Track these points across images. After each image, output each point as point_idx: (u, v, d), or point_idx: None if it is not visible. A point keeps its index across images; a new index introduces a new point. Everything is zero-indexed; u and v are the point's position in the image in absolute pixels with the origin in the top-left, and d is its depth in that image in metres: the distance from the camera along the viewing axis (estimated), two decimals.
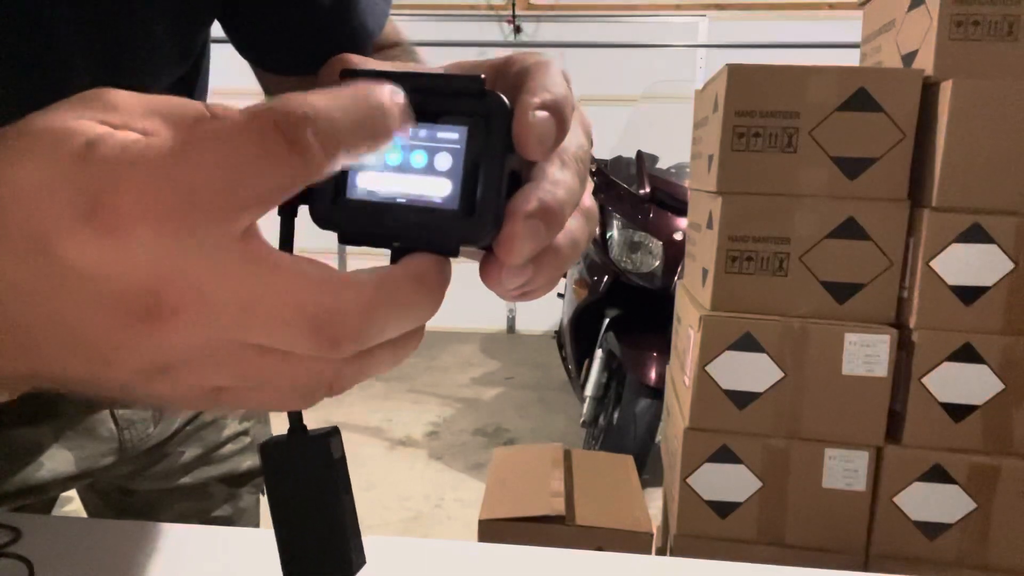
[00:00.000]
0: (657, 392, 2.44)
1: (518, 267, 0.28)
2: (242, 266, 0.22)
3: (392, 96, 0.24)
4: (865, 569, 1.33)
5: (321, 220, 0.29)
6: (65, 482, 0.64)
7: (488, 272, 0.29)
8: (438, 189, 0.29)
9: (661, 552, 1.59)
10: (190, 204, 0.21)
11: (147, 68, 0.48)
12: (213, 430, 0.73)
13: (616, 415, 2.58)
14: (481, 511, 1.46)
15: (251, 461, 0.77)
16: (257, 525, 0.81)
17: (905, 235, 1.29)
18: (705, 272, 1.39)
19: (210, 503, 0.74)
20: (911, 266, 1.28)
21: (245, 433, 0.76)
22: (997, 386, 1.26)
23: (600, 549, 0.64)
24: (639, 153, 2.80)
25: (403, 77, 0.28)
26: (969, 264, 1.24)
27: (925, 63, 1.28)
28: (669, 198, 2.66)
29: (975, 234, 1.23)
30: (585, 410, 2.70)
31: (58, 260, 0.21)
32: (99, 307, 0.22)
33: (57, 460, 0.62)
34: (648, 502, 1.57)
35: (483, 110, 0.29)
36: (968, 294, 1.25)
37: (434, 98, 0.29)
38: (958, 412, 1.28)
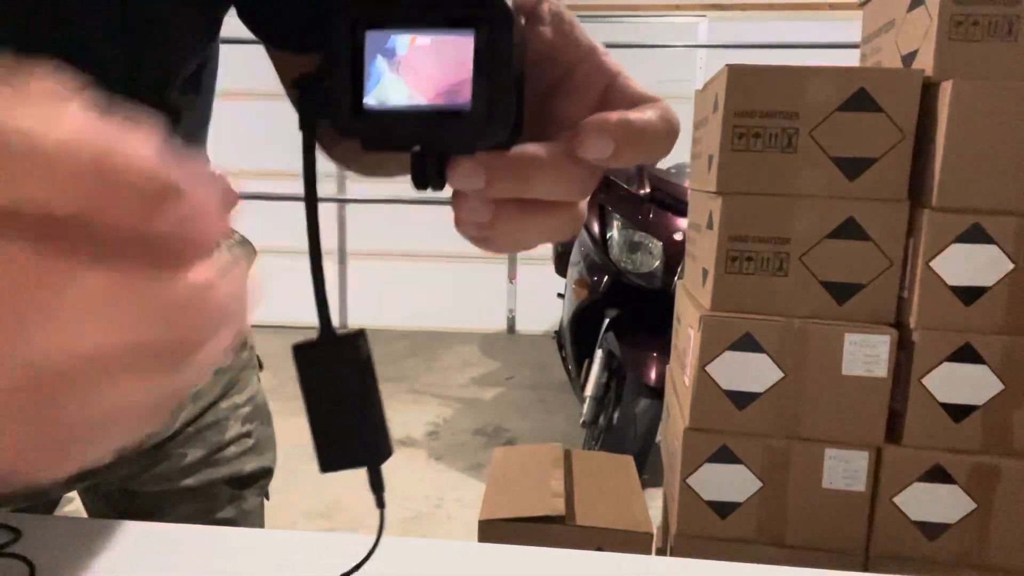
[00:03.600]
0: (657, 392, 2.44)
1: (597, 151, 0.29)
2: None
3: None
4: (865, 569, 1.33)
5: (343, 130, 0.31)
6: (66, 483, 0.63)
7: (528, 165, 0.29)
8: (452, 94, 0.30)
9: (661, 552, 1.59)
10: None
11: (175, 47, 0.47)
12: (216, 431, 0.73)
13: (616, 415, 2.58)
14: (481, 511, 1.45)
15: (255, 463, 0.76)
16: (262, 527, 0.81)
17: (905, 235, 1.29)
18: (705, 272, 1.39)
19: (214, 504, 0.74)
20: (911, 266, 1.28)
21: (248, 435, 0.76)
22: (997, 386, 1.26)
23: (600, 549, 0.64)
24: None
25: None
26: (969, 264, 1.24)
27: (925, 63, 1.28)
28: (669, 198, 2.66)
29: (975, 234, 1.23)
30: (585, 410, 2.70)
31: None
32: None
33: None
34: (648, 502, 1.57)
35: (488, 15, 0.29)
36: (968, 294, 1.25)
37: (441, 6, 0.30)
38: (958, 412, 1.27)
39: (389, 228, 5.12)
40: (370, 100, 0.31)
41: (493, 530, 1.40)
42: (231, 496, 0.75)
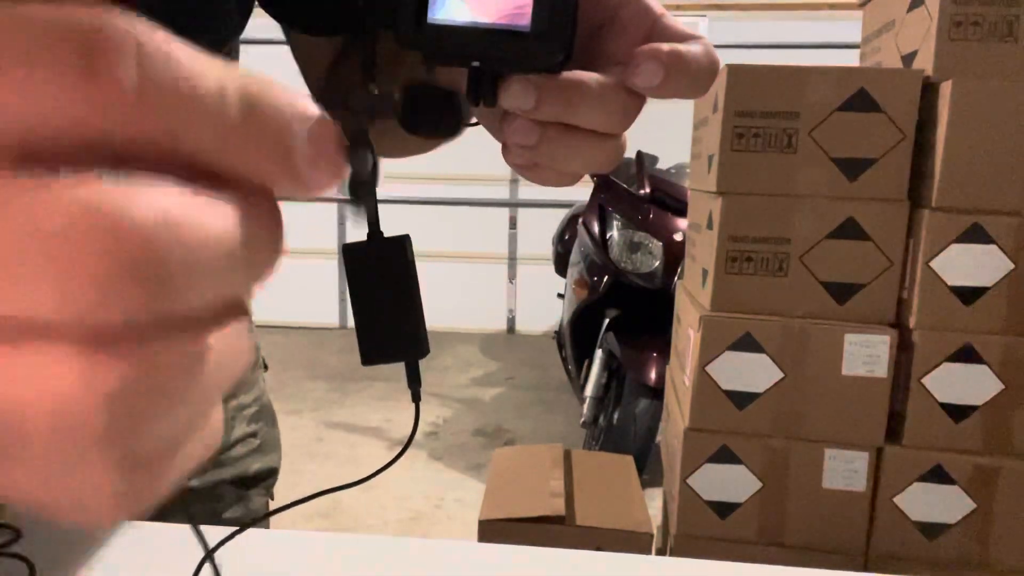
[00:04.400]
0: (657, 392, 2.44)
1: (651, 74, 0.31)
2: None
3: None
4: (865, 569, 1.33)
5: (406, 42, 0.32)
6: None
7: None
8: (513, 15, 0.31)
9: (661, 552, 1.59)
10: None
11: (211, 28, 0.47)
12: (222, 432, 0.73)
13: (616, 415, 2.58)
14: (481, 511, 1.45)
15: (260, 463, 0.76)
16: (267, 527, 0.81)
17: (905, 235, 1.29)
18: (705, 272, 1.39)
19: (220, 505, 0.74)
20: (911, 266, 1.28)
21: (254, 435, 0.76)
22: (997, 386, 1.26)
23: (600, 549, 0.64)
24: (639, 153, 2.80)
25: None
26: (969, 264, 1.24)
27: (925, 63, 1.28)
28: (669, 198, 2.66)
29: (975, 234, 1.23)
30: (585, 410, 2.70)
31: None
32: None
33: None
34: (648, 502, 1.57)
35: None
36: (968, 294, 1.25)
37: None
38: (958, 412, 1.27)
39: (389, 228, 5.11)
40: (434, 13, 0.32)
41: (493, 530, 1.40)
42: (237, 496, 0.75)
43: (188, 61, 0.15)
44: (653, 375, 2.50)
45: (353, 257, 0.37)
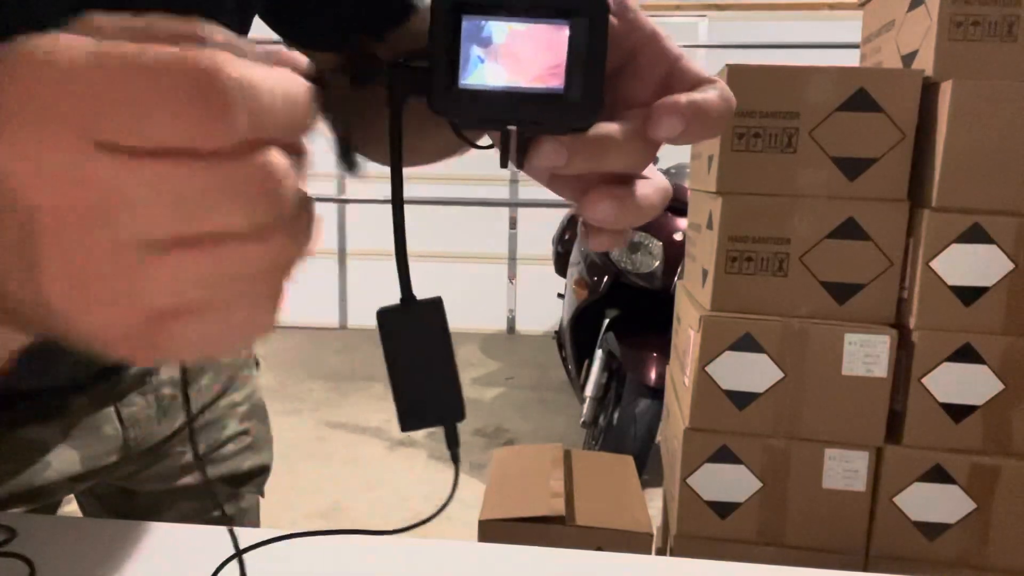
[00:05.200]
0: (657, 392, 2.44)
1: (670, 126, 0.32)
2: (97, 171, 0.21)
3: (308, 93, 0.24)
4: (865, 569, 1.33)
5: (438, 108, 0.32)
6: (71, 483, 0.64)
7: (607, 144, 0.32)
8: (546, 77, 0.32)
9: (661, 552, 1.59)
10: (66, 112, 0.20)
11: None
12: (214, 429, 0.73)
13: (616, 415, 2.58)
14: (481, 511, 1.45)
15: (252, 460, 0.77)
16: (258, 524, 0.81)
17: (905, 235, 1.29)
18: (705, 272, 1.39)
19: (212, 503, 0.74)
20: (911, 266, 1.28)
21: (246, 432, 0.76)
22: (997, 386, 1.26)
23: (600, 549, 0.64)
24: None
25: None
26: (969, 264, 1.24)
27: (925, 63, 1.28)
28: None
29: (975, 234, 1.23)
30: (585, 410, 2.70)
31: None
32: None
33: (64, 459, 0.62)
34: (648, 502, 1.57)
35: (587, 7, 0.32)
36: (968, 294, 1.25)
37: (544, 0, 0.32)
38: (958, 412, 1.27)
39: (389, 228, 5.11)
40: (464, 80, 0.32)
41: (493, 530, 1.41)
42: (229, 494, 0.75)
43: (265, 82, 0.22)
44: (653, 375, 2.50)
45: (387, 321, 0.37)
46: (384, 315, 0.37)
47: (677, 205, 2.61)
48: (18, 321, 0.25)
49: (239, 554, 0.50)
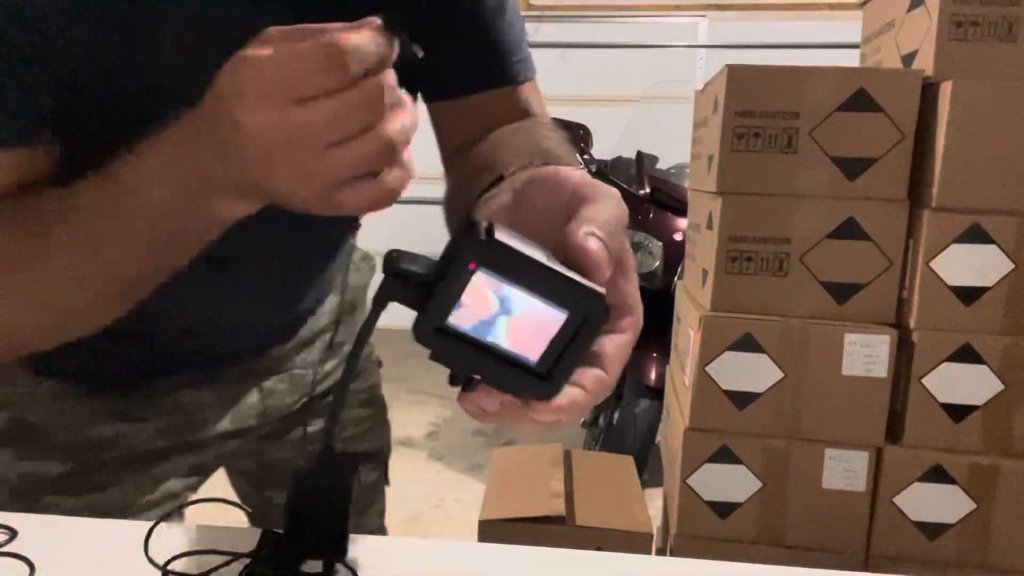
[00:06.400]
0: (657, 392, 2.44)
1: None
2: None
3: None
4: (865, 569, 1.33)
5: (421, 336, 0.36)
6: (220, 439, 0.78)
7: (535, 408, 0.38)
8: (527, 348, 0.36)
9: (661, 552, 1.59)
10: (273, 82, 0.39)
11: None
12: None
13: (616, 415, 2.58)
14: (481, 511, 1.45)
15: (369, 443, 0.89)
16: (383, 502, 0.92)
17: (905, 235, 1.29)
18: (705, 272, 1.39)
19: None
20: (911, 266, 1.28)
21: (366, 419, 0.89)
22: (997, 386, 1.26)
23: (600, 549, 0.64)
24: (639, 153, 2.80)
25: (540, 267, 0.36)
26: (969, 264, 1.24)
27: (925, 63, 1.28)
28: (669, 198, 2.66)
29: (975, 234, 1.23)
30: None
31: (236, 122, 0.40)
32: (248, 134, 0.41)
33: (217, 418, 0.77)
34: (648, 502, 1.57)
35: (588, 309, 0.36)
36: (968, 294, 1.25)
37: (555, 282, 0.36)
38: (958, 412, 1.27)
39: (389, 228, 5.11)
40: (452, 320, 0.36)
41: (493, 530, 1.40)
42: None
43: (360, 40, 0.38)
44: (653, 375, 2.50)
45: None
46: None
47: (677, 205, 2.61)
48: (234, 194, 0.44)
49: (241, 555, 0.50)
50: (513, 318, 0.36)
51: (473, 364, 0.36)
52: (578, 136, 2.77)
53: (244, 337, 0.76)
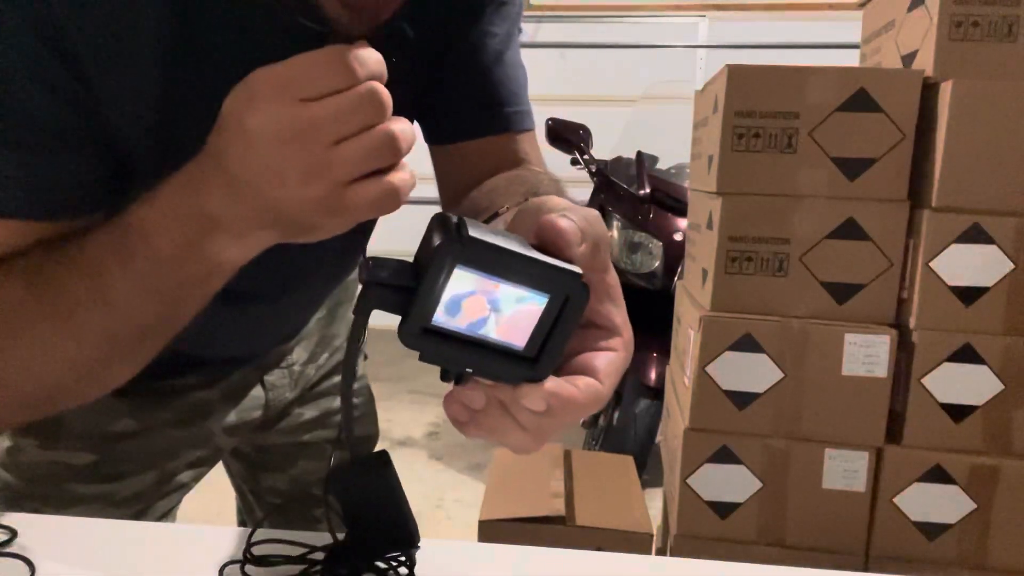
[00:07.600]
0: (657, 392, 2.44)
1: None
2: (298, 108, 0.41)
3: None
4: (865, 569, 1.33)
5: (407, 339, 0.36)
6: (226, 433, 0.83)
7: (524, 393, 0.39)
8: (514, 336, 0.37)
9: (661, 552, 1.59)
10: (280, 87, 0.41)
11: None
12: (327, 399, 0.91)
13: (616, 415, 2.58)
14: (481, 511, 1.46)
15: (360, 430, 0.94)
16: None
17: (905, 235, 1.29)
18: (705, 272, 1.39)
19: (325, 464, 0.88)
20: (911, 266, 1.28)
21: (358, 407, 0.94)
22: (997, 386, 1.26)
23: (600, 549, 0.64)
24: (639, 153, 2.80)
25: (516, 256, 0.36)
26: (969, 264, 1.24)
27: (925, 63, 1.28)
28: (669, 198, 2.66)
29: (975, 234, 1.23)
30: None
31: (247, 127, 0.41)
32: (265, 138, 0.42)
33: (223, 413, 0.82)
34: (648, 502, 1.57)
35: (569, 289, 0.36)
36: (968, 294, 1.25)
37: (534, 272, 0.36)
38: (958, 412, 1.27)
39: (388, 228, 5.11)
40: (437, 320, 0.36)
41: (493, 530, 1.41)
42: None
43: (363, 54, 0.41)
44: (653, 375, 2.50)
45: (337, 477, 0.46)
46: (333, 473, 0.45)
47: (677, 205, 2.61)
48: (239, 231, 0.45)
49: (316, 562, 0.51)
50: (496, 309, 0.36)
51: (463, 359, 0.37)
52: (578, 136, 2.77)
53: (258, 347, 0.82)
